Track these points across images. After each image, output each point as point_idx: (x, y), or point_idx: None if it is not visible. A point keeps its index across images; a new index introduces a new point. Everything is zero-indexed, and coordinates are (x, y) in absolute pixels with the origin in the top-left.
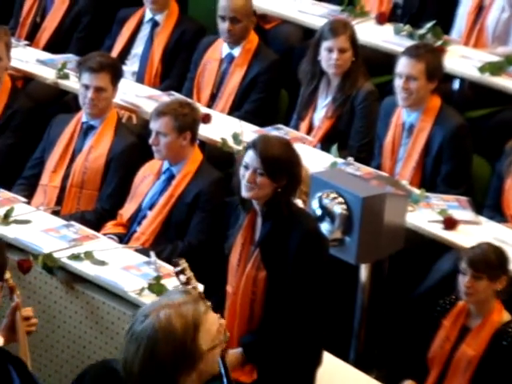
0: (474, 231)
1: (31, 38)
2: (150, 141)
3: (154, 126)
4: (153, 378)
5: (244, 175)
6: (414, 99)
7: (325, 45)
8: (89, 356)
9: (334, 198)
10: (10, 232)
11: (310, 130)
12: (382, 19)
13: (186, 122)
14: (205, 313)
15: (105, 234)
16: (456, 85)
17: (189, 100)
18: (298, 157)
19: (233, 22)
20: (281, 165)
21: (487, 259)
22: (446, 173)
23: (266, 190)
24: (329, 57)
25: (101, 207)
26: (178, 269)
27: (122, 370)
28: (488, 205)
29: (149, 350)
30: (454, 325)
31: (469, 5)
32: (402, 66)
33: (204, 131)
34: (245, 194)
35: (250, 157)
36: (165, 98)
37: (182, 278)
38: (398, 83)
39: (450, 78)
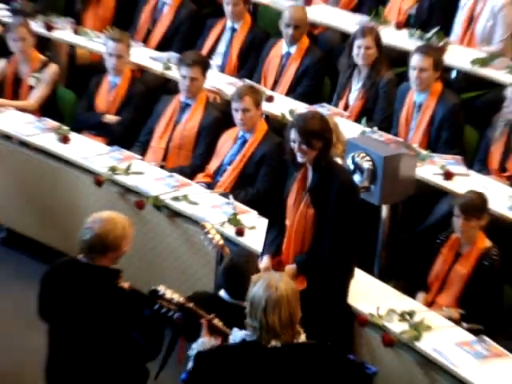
0: (466, 181)
1: (145, 41)
2: (239, 117)
3: (240, 105)
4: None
5: (294, 147)
6: (424, 85)
7: (356, 43)
8: (183, 271)
9: (364, 157)
10: (130, 180)
11: (346, 107)
12: (399, 26)
13: (259, 98)
14: None
15: (197, 183)
16: (453, 74)
17: (254, 84)
18: (328, 124)
19: (295, 28)
20: (315, 135)
21: (474, 204)
22: (445, 138)
23: (311, 154)
24: (359, 52)
25: (194, 163)
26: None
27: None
28: (477, 160)
29: (288, 309)
30: (449, 251)
31: (463, 15)
32: (415, 60)
33: (268, 108)
34: (300, 159)
35: (293, 133)
36: (240, 83)
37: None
38: (412, 73)
39: (449, 69)
